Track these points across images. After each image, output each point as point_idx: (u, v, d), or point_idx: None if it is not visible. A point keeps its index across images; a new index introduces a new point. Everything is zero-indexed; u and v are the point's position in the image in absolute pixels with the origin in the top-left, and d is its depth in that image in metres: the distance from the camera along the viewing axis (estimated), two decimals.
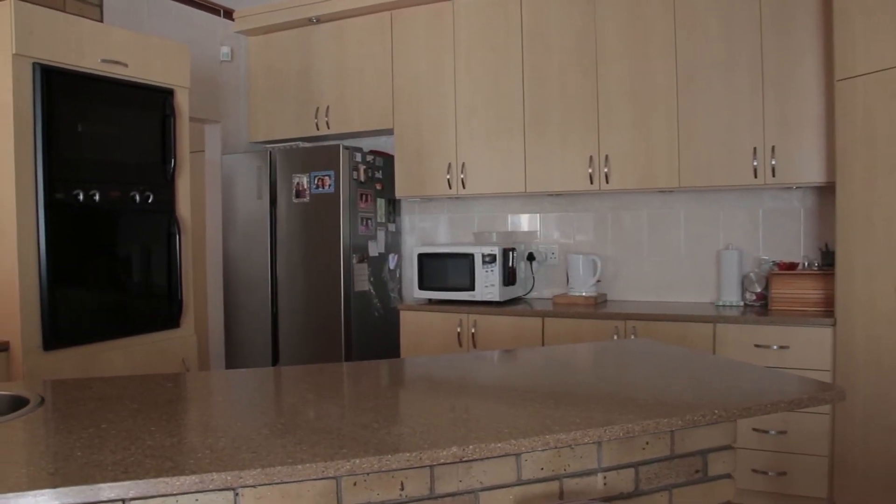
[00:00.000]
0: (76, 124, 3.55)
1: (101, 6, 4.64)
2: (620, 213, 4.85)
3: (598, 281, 4.66)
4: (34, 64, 3.37)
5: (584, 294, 4.62)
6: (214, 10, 5.46)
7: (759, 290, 4.30)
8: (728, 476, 2.11)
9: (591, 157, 4.51)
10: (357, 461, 1.48)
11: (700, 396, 2.03)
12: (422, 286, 4.85)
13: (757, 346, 3.82)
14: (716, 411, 1.83)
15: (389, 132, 5.26)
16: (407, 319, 4.81)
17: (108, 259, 3.74)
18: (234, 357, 5.35)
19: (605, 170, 4.47)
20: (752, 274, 4.34)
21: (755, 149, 4.07)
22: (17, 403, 2.04)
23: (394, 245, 5.41)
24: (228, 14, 5.58)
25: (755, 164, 4.07)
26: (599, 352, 2.89)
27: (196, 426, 1.83)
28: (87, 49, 3.61)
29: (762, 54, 4.05)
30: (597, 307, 4.46)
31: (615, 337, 4.14)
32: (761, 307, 4.22)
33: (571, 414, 1.82)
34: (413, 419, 1.86)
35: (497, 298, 4.62)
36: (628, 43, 4.41)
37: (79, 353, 3.54)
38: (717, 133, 4.18)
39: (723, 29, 4.15)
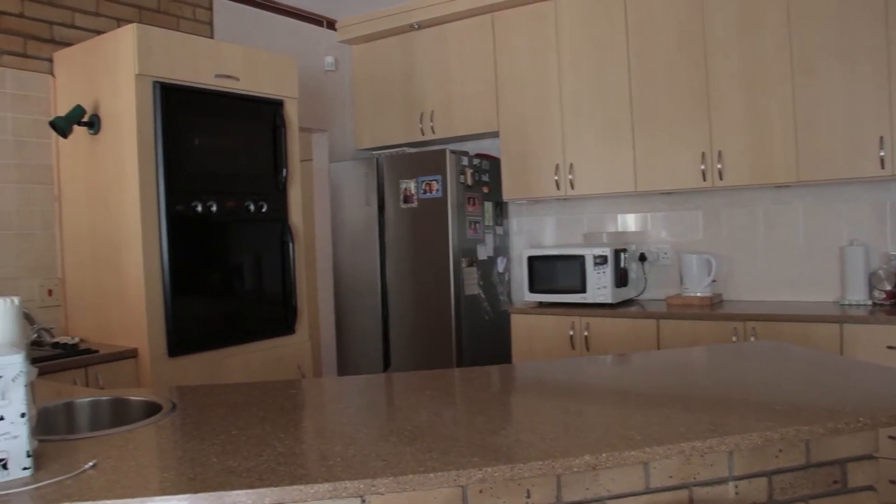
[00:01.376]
0: (193, 138, 3.67)
1: (211, 24, 4.80)
2: (734, 210, 4.68)
3: (714, 281, 4.52)
4: (154, 82, 3.51)
5: (698, 294, 4.49)
6: (318, 21, 5.56)
7: (888, 287, 4.08)
8: (870, 488, 1.99)
9: (703, 154, 4.38)
10: (489, 470, 1.46)
11: (839, 402, 1.92)
12: (532, 289, 4.81)
13: (890, 347, 3.62)
14: (860, 419, 1.73)
15: (495, 135, 5.24)
16: (518, 323, 4.77)
17: (225, 268, 3.85)
18: (346, 362, 5.43)
19: (719, 166, 4.33)
20: (880, 271, 4.12)
21: (882, 138, 3.86)
22: (151, 409, 2.12)
23: (502, 248, 5.39)
24: (331, 25, 5.68)
25: (882, 154, 3.86)
26: (723, 354, 2.79)
27: (323, 433, 1.85)
28: (202, 65, 3.73)
29: (887, 38, 3.84)
30: (713, 308, 4.33)
31: (734, 339, 4.00)
32: (892, 306, 4.00)
33: (703, 420, 1.76)
34: (539, 426, 1.83)
35: (609, 300, 4.53)
36: (739, 32, 4.26)
37: (200, 360, 3.66)
38: (839, 123, 3.99)
39: (841, 13, 3.95)
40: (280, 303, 4.08)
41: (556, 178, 4.90)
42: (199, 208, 3.66)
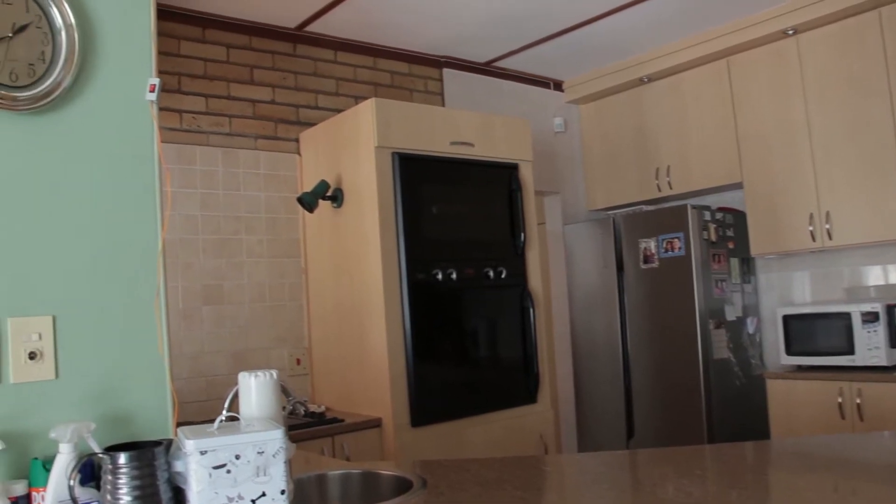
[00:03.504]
0: (431, 206, 3.69)
1: (442, 94, 4.91)
2: None
3: None
4: (393, 154, 3.58)
5: None
6: (545, 83, 5.54)
7: None
8: None
9: None
10: None
11: None
12: (789, 351, 4.37)
13: None
14: None
15: (736, 186, 4.89)
16: (775, 389, 4.34)
17: (465, 336, 3.81)
18: (585, 431, 5.21)
19: None
20: None
21: None
22: (401, 484, 2.05)
23: (751, 307, 4.97)
24: (558, 86, 5.64)
25: None
26: None
27: None
28: (437, 134, 3.77)
29: None
30: None
31: None
32: None
33: None
34: None
35: (884, 363, 4.01)
36: None
37: (442, 430, 3.61)
38: None
39: None
40: (521, 370, 3.97)
41: (810, 228, 4.46)
42: (440, 276, 3.65)
